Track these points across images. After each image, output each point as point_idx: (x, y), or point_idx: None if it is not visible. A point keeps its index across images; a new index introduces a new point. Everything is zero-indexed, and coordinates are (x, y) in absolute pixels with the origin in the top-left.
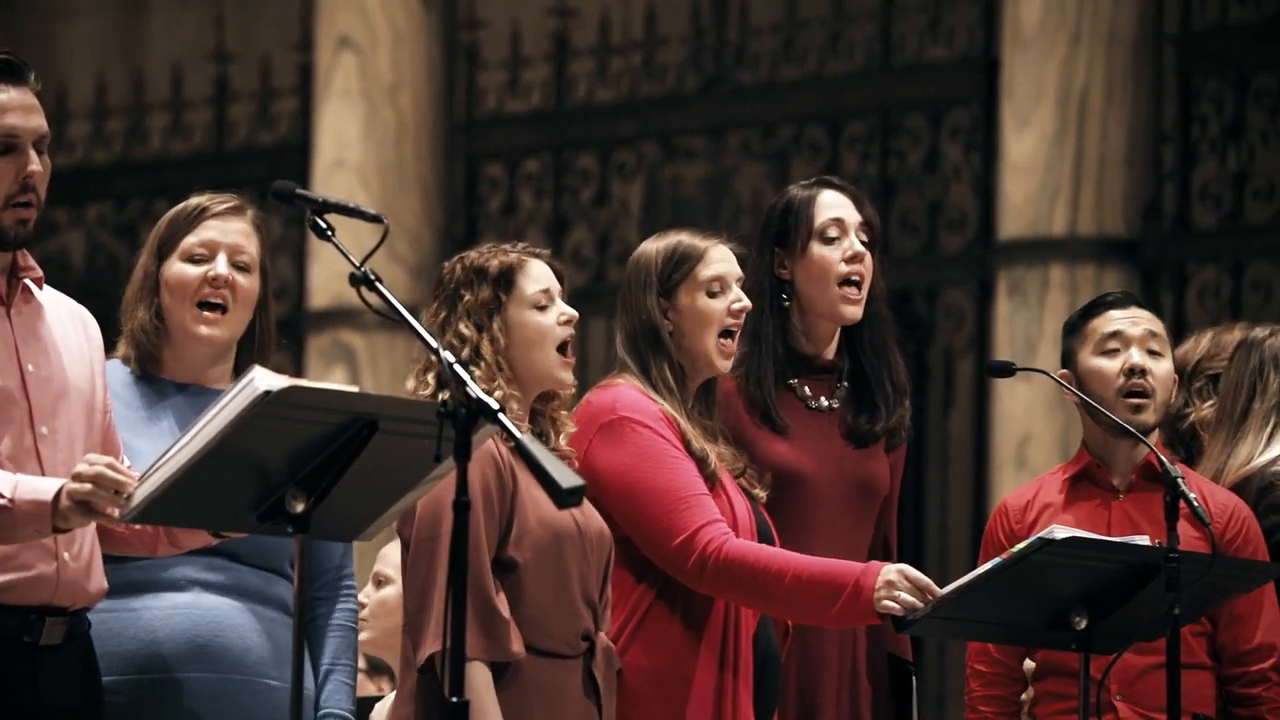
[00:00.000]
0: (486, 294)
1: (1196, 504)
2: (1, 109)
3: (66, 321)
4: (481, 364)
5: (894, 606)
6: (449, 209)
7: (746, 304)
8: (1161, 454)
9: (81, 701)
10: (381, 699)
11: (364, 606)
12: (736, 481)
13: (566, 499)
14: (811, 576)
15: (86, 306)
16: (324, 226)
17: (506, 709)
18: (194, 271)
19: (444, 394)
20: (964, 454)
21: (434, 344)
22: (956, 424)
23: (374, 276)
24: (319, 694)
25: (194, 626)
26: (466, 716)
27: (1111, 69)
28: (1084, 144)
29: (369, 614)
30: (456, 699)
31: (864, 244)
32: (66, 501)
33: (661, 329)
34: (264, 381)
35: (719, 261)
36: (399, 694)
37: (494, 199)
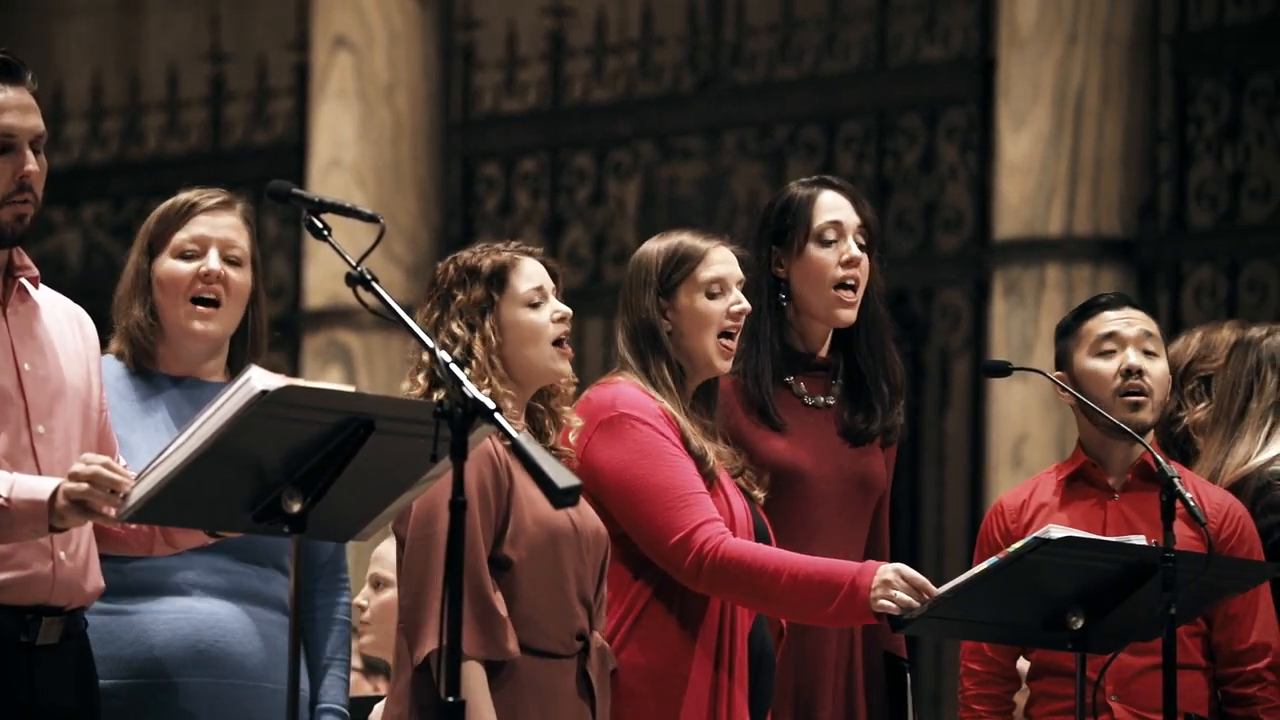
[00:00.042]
0: (479, 293)
1: (1193, 504)
2: None
3: (63, 321)
4: (473, 363)
5: (890, 606)
6: (445, 209)
7: (746, 306)
8: (1157, 454)
9: (78, 701)
10: (382, 699)
11: (364, 609)
12: (735, 481)
13: (563, 499)
14: (808, 576)
15: (83, 306)
16: (320, 226)
17: (501, 708)
18: (186, 268)
19: (438, 393)
20: (960, 454)
21: (430, 343)
22: (953, 424)
23: (370, 276)
24: (317, 689)
25: (195, 632)
26: (463, 716)
27: (1107, 69)
28: (1080, 144)
29: (370, 617)
30: (453, 698)
31: (862, 246)
32: (63, 501)
33: (660, 329)
34: (261, 381)
35: (719, 263)
36: (392, 692)
37: (490, 199)
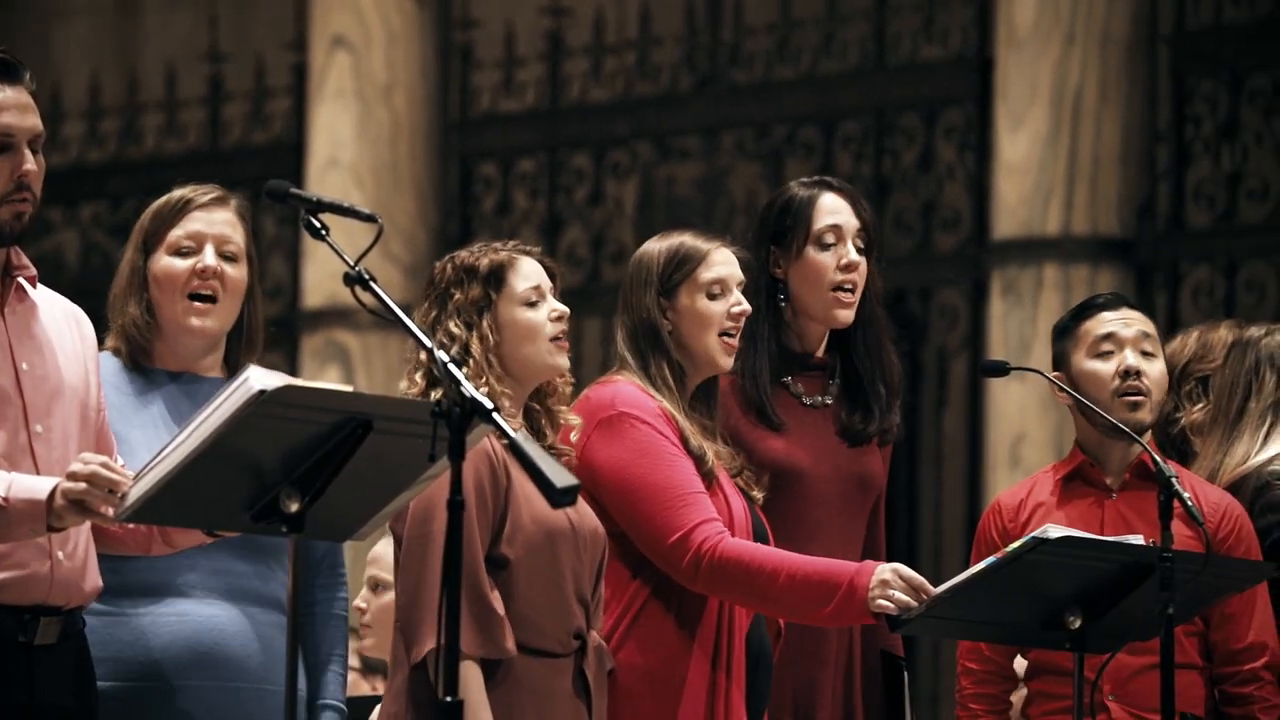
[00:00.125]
0: (477, 292)
1: (1190, 503)
2: None
3: (61, 320)
4: (470, 361)
5: (888, 606)
6: (443, 208)
7: (746, 308)
8: (1155, 453)
9: (76, 701)
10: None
11: (364, 612)
12: (734, 481)
13: (561, 498)
14: (806, 576)
15: (81, 306)
16: (318, 226)
17: (496, 707)
18: (182, 264)
19: (436, 393)
20: (958, 453)
21: (428, 343)
22: (951, 423)
23: (368, 276)
24: (316, 685)
25: (196, 635)
26: (461, 716)
27: (1105, 69)
28: (1078, 144)
29: (371, 620)
30: (451, 698)
31: (860, 250)
32: (61, 500)
33: (661, 328)
34: (259, 381)
35: (720, 264)
36: (389, 690)
37: (488, 198)
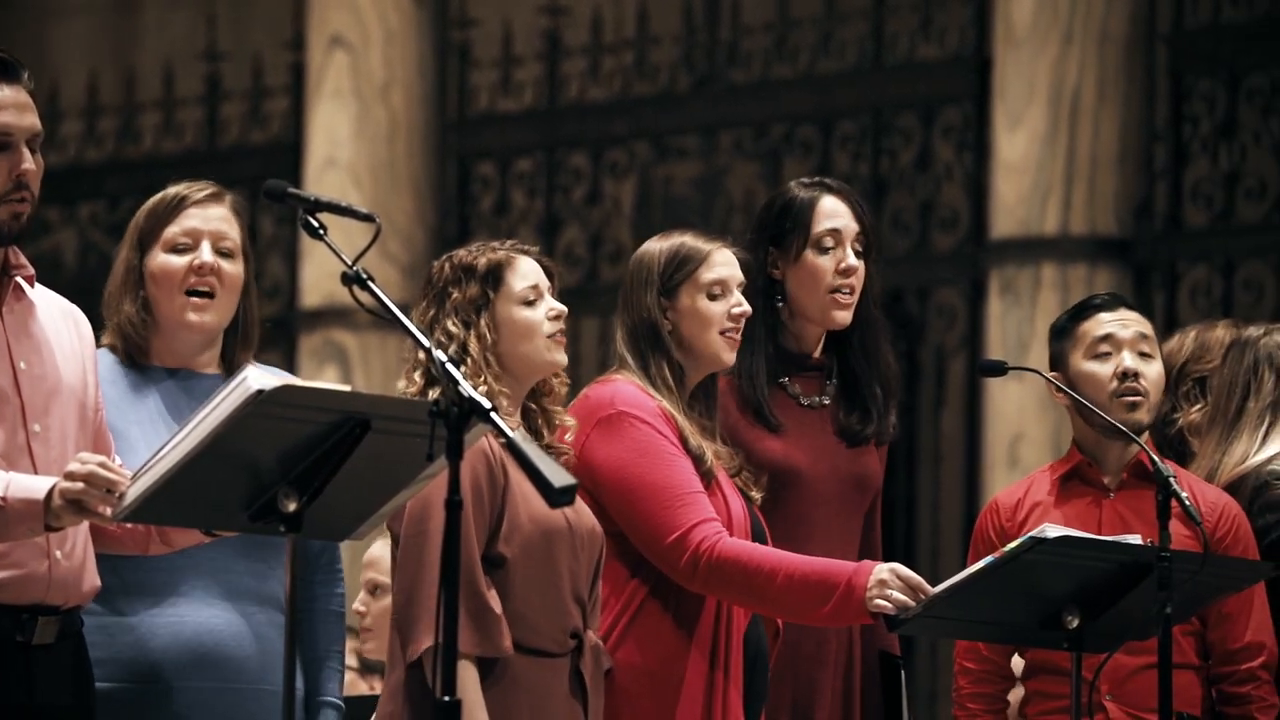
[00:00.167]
0: (474, 291)
1: (1188, 503)
2: None
3: (58, 319)
4: (469, 360)
5: (886, 605)
6: (441, 208)
7: (747, 309)
8: (1153, 453)
9: (74, 700)
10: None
11: (364, 615)
12: (733, 480)
13: (559, 498)
14: (804, 576)
15: (79, 305)
16: (316, 225)
17: (492, 707)
18: (179, 261)
19: (434, 392)
20: (956, 453)
21: (426, 343)
22: (948, 423)
23: (366, 275)
24: (314, 682)
25: (196, 636)
26: (459, 715)
27: (1103, 68)
28: (1076, 143)
29: (371, 623)
30: (449, 698)
31: (859, 254)
32: (59, 500)
33: (661, 328)
34: (257, 381)
35: (721, 265)
36: (385, 688)
37: (486, 198)
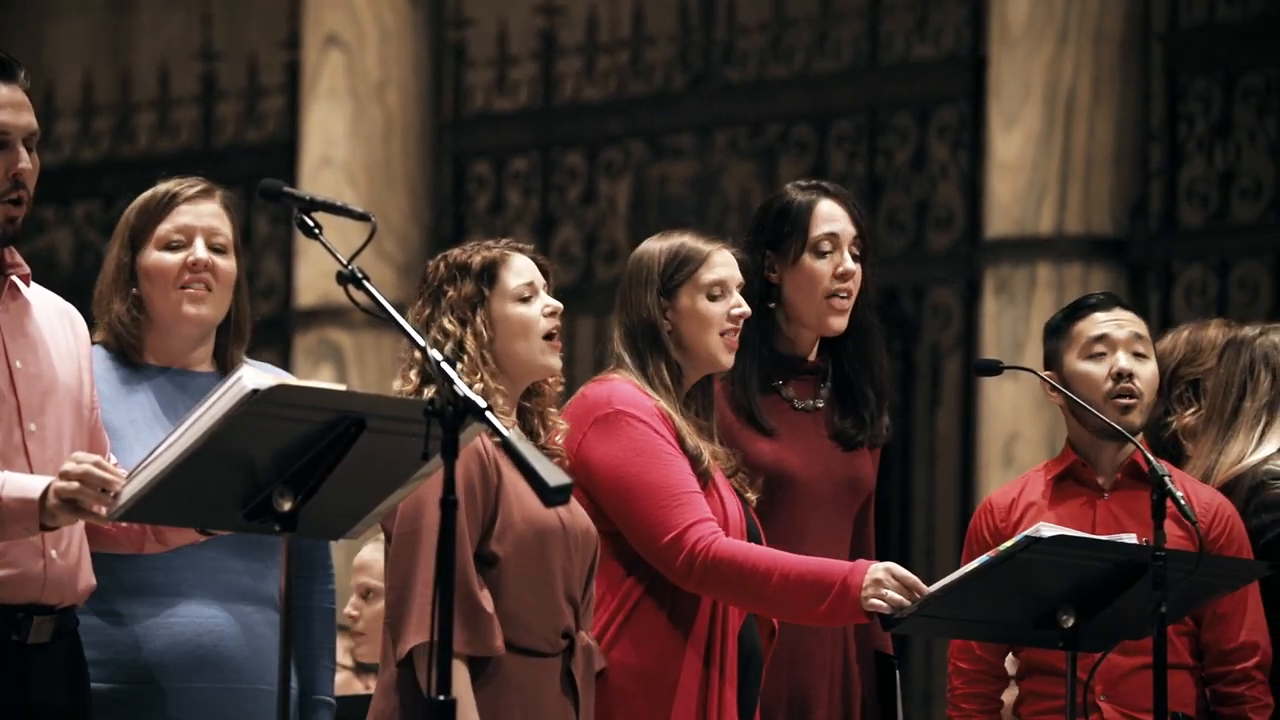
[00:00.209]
0: (469, 289)
1: (1184, 503)
2: None
3: (54, 319)
4: (465, 357)
5: (881, 605)
6: (436, 207)
7: (746, 310)
8: (1147, 453)
9: (69, 700)
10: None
11: (355, 619)
12: (729, 481)
13: (554, 497)
14: (799, 575)
15: (74, 304)
16: (311, 225)
17: (483, 706)
18: (173, 258)
19: (429, 391)
20: (951, 452)
21: (421, 342)
22: (944, 422)
23: (361, 275)
24: (308, 680)
25: (195, 637)
26: (453, 714)
27: (1099, 68)
28: (1071, 143)
29: (364, 627)
30: (444, 697)
31: (856, 257)
32: (54, 499)
33: (661, 328)
34: (252, 380)
35: (721, 266)
36: (378, 686)
37: (481, 197)
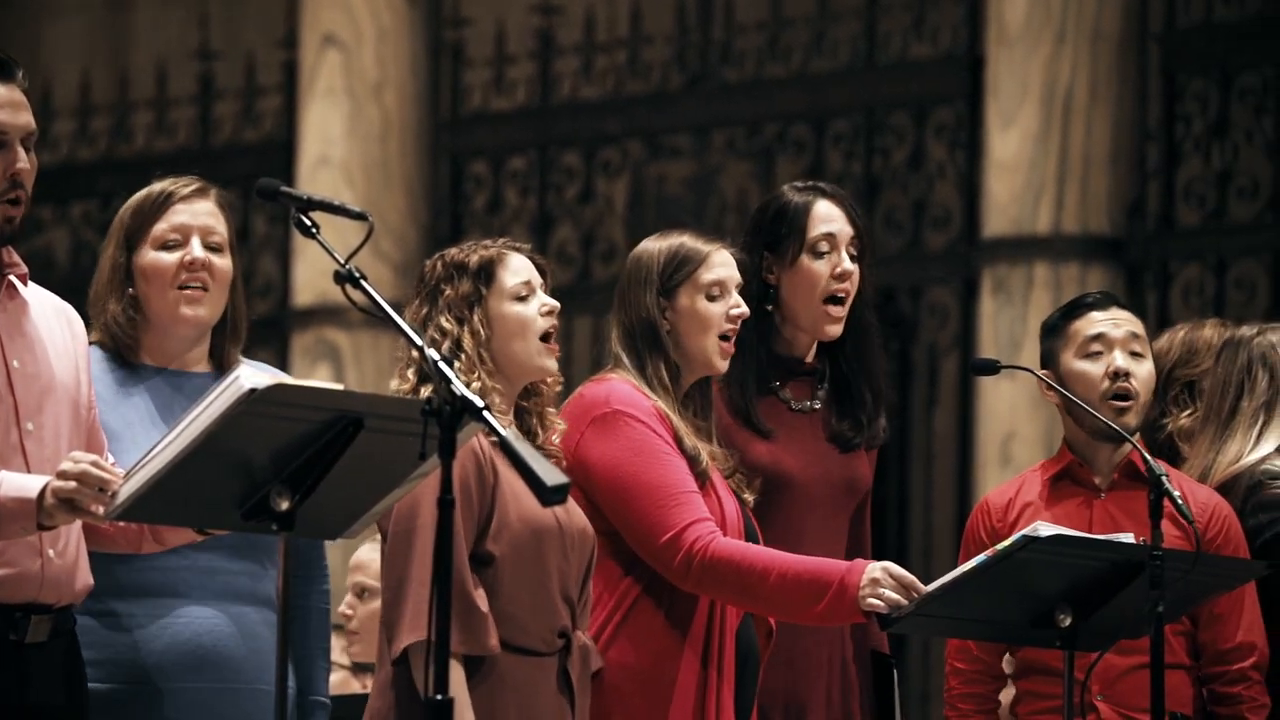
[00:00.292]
0: (467, 287)
1: (1181, 502)
2: None
3: (52, 318)
4: (462, 356)
5: (879, 604)
6: (434, 206)
7: (745, 311)
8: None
9: (67, 699)
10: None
11: (350, 618)
12: (727, 482)
13: (551, 496)
14: (796, 575)
15: (71, 303)
16: (309, 224)
17: (479, 705)
18: (170, 258)
19: (426, 390)
20: (948, 452)
21: (418, 341)
22: (941, 422)
23: (359, 274)
24: (305, 680)
25: (194, 637)
26: (450, 713)
27: (1096, 67)
28: (1068, 142)
29: (359, 626)
30: (441, 696)
31: (854, 257)
32: (51, 499)
33: (659, 328)
34: (249, 379)
35: (720, 266)
36: (375, 685)
37: (479, 196)
